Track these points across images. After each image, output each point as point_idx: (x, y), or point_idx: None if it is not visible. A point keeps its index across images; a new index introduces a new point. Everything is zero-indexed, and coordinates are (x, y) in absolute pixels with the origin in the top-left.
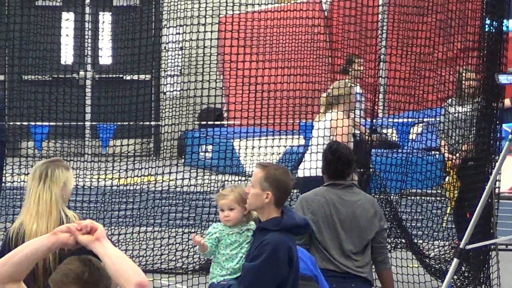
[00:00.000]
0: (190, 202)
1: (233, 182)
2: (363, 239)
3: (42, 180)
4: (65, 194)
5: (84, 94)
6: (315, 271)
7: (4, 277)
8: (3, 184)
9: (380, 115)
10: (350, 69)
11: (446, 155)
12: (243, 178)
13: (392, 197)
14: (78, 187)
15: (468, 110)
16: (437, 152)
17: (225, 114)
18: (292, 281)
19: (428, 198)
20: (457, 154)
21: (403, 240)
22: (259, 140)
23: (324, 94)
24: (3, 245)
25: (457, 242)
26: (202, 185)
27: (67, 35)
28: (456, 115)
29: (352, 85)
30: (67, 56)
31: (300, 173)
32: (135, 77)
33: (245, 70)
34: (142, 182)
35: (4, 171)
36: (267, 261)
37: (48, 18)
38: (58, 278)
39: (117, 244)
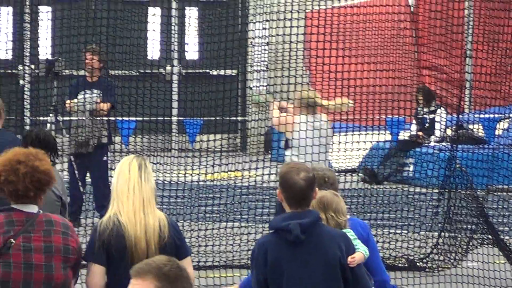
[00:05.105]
0: (277, 197)
1: None
2: None
3: (143, 171)
4: None
5: (170, 89)
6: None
7: None
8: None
9: (466, 110)
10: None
11: None
12: None
13: (478, 193)
14: (165, 182)
15: None
16: None
17: None
18: (274, 281)
19: None
20: None
21: (489, 236)
22: (346, 135)
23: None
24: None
25: None
26: None
27: (153, 30)
28: None
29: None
30: (153, 51)
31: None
32: (222, 72)
33: (331, 65)
34: (228, 178)
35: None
36: (251, 260)
37: (135, 13)
38: (140, 266)
39: (204, 240)
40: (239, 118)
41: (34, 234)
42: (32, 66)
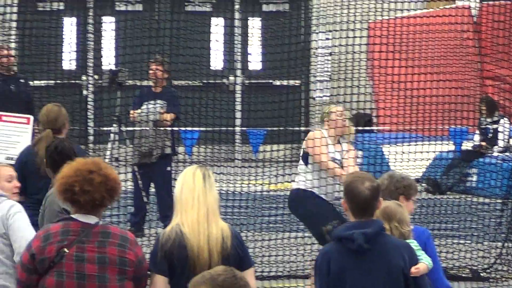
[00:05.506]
0: (340, 207)
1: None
2: None
3: (207, 181)
4: None
5: (234, 99)
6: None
7: None
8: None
9: None
10: None
11: None
12: None
13: None
14: (229, 192)
15: None
16: None
17: (375, 119)
18: None
19: None
20: None
21: None
22: (409, 145)
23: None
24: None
25: None
26: None
27: (216, 41)
28: None
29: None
30: (217, 61)
31: None
32: (285, 82)
33: (394, 76)
34: (292, 188)
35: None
36: (314, 268)
37: (198, 24)
38: (196, 278)
39: (267, 250)
40: (302, 128)
41: (88, 245)
42: (96, 76)
